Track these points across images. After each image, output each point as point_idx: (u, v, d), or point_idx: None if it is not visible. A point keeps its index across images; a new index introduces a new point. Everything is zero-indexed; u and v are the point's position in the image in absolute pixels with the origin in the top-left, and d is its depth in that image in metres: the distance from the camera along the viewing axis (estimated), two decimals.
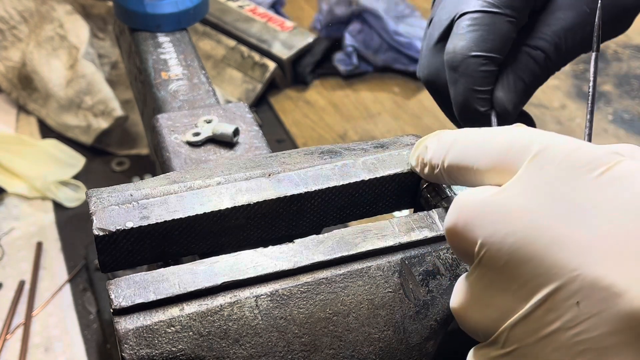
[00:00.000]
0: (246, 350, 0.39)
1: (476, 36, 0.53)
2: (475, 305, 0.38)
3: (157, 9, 0.87)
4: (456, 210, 0.38)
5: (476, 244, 0.36)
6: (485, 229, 0.36)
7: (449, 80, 0.55)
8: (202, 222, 0.46)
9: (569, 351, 0.33)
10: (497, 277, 0.36)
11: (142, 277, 0.40)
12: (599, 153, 0.35)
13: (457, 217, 0.37)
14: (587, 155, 0.35)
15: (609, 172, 0.34)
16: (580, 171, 0.34)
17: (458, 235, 0.37)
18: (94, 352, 1.07)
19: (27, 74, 1.48)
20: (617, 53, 1.74)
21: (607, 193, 0.33)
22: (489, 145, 0.39)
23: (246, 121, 0.67)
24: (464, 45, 0.53)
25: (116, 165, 1.41)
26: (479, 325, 0.38)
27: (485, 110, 0.54)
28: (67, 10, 1.48)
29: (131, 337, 0.38)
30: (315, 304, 0.41)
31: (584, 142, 0.36)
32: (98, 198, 0.45)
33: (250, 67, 1.57)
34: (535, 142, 0.36)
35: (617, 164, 0.34)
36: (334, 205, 0.49)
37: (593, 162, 0.34)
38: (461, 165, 0.41)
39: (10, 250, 1.22)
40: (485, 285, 0.37)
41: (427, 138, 0.45)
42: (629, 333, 0.31)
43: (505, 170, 0.37)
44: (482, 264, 0.36)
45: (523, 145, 0.37)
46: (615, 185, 0.33)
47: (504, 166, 0.38)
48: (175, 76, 0.79)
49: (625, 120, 1.52)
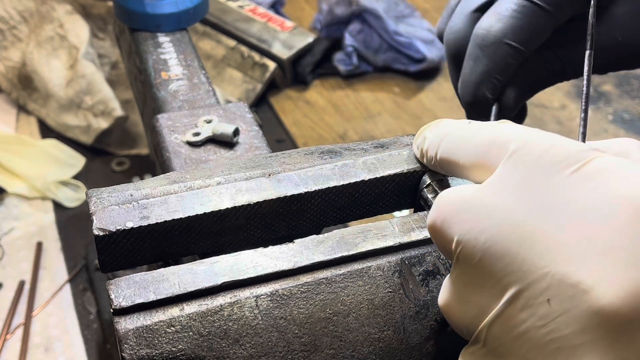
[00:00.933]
0: (246, 350, 0.39)
1: (516, 24, 0.52)
2: (457, 303, 0.38)
3: (157, 9, 0.87)
4: (436, 209, 0.38)
5: (453, 240, 0.37)
6: (461, 226, 0.36)
7: (470, 54, 0.54)
8: (202, 222, 0.46)
9: (543, 350, 0.33)
10: (474, 274, 0.36)
11: (142, 277, 0.40)
12: (574, 150, 0.35)
13: (436, 214, 0.38)
14: (562, 152, 0.35)
15: (583, 169, 0.34)
16: (554, 168, 0.34)
17: (437, 232, 0.38)
18: (94, 352, 1.07)
19: (27, 74, 1.48)
20: None
21: (578, 190, 0.33)
22: (472, 142, 0.39)
23: (246, 121, 0.67)
24: (500, 28, 0.52)
25: (116, 165, 1.41)
26: (461, 323, 0.38)
27: (491, 98, 0.54)
28: (67, 10, 1.48)
29: (131, 337, 0.38)
30: (315, 304, 0.41)
31: (561, 139, 0.36)
32: (98, 198, 0.45)
33: (250, 67, 1.57)
34: (513, 140, 0.37)
35: (591, 161, 0.34)
36: (334, 205, 0.49)
37: (568, 159, 0.34)
38: (450, 160, 0.42)
39: (10, 250, 1.22)
40: (464, 283, 0.37)
41: (427, 127, 0.46)
42: (597, 330, 0.31)
43: (486, 167, 0.38)
44: (459, 261, 0.37)
45: (502, 142, 0.37)
46: (587, 183, 0.33)
47: (484, 163, 0.38)
48: (175, 76, 0.79)
49: (626, 120, 1.52)
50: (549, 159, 0.35)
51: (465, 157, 0.40)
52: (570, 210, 0.33)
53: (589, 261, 0.32)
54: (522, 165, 0.36)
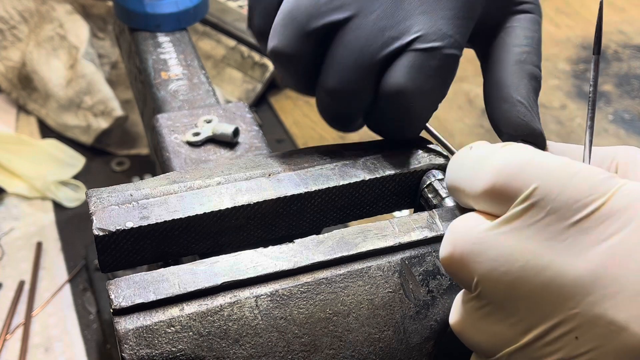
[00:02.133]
0: (246, 350, 0.39)
1: (435, 82, 0.47)
2: (474, 329, 0.38)
3: (157, 8, 0.87)
4: (451, 243, 0.38)
5: (472, 279, 0.37)
6: (482, 266, 0.36)
7: (383, 109, 0.48)
8: (202, 222, 0.46)
9: None
10: (494, 310, 0.36)
11: (142, 277, 0.40)
12: (596, 179, 0.34)
13: (452, 250, 0.37)
14: (584, 186, 0.34)
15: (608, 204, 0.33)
16: (577, 205, 0.34)
17: (454, 267, 0.38)
18: (94, 352, 1.07)
19: (27, 73, 1.48)
20: (617, 53, 1.74)
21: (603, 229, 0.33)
22: (481, 170, 0.38)
23: (246, 121, 0.67)
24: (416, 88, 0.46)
25: (116, 165, 1.41)
26: (477, 346, 0.38)
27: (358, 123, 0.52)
28: (67, 10, 1.48)
29: (131, 337, 0.38)
30: (315, 304, 0.41)
31: (580, 168, 0.35)
32: (98, 198, 0.45)
33: (250, 67, 1.56)
34: (527, 172, 0.35)
35: (615, 193, 0.33)
36: (334, 205, 0.49)
37: (591, 193, 0.34)
38: (457, 188, 0.41)
39: (10, 250, 1.22)
40: (482, 315, 0.37)
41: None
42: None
43: (499, 200, 0.37)
44: (480, 297, 0.37)
45: (515, 174, 0.36)
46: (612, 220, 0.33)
47: (496, 195, 0.37)
48: (175, 76, 0.79)
49: (626, 120, 1.52)
50: (571, 195, 0.34)
51: (471, 186, 0.39)
52: (598, 250, 0.33)
53: (620, 301, 0.32)
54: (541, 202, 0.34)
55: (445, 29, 0.46)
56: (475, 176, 0.38)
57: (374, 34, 0.45)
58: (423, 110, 0.48)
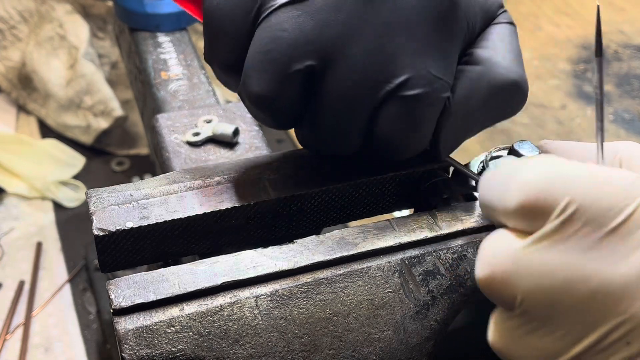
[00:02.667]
0: (246, 350, 0.39)
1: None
2: (519, 347, 0.38)
3: (156, 8, 0.87)
4: (489, 264, 0.37)
5: (515, 298, 0.37)
6: (525, 284, 0.36)
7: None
8: (202, 222, 0.46)
9: None
10: (540, 326, 0.37)
11: (142, 277, 0.40)
12: (626, 185, 0.34)
13: (492, 271, 0.37)
14: (615, 193, 0.34)
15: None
16: (612, 213, 0.34)
17: (494, 287, 0.38)
18: (94, 352, 1.07)
19: (27, 73, 1.48)
20: (617, 53, 1.74)
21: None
22: (511, 188, 0.38)
23: (246, 121, 0.67)
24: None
25: (116, 165, 1.41)
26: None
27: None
28: (67, 10, 1.48)
29: (131, 337, 0.38)
30: (315, 304, 0.41)
31: (608, 174, 0.35)
32: (98, 198, 0.45)
33: None
34: (557, 185, 0.35)
35: None
36: (334, 205, 0.49)
37: (623, 200, 0.34)
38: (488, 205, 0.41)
39: (10, 250, 1.22)
40: (526, 332, 0.37)
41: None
42: None
43: (531, 216, 0.37)
44: (522, 314, 0.37)
45: (545, 189, 0.36)
46: None
47: (528, 212, 0.37)
48: (175, 76, 0.79)
49: (626, 120, 1.52)
50: (605, 203, 0.34)
51: (502, 205, 0.38)
52: (636, 254, 0.33)
53: None
54: (577, 214, 0.35)
55: (435, 70, 0.43)
56: (505, 194, 0.38)
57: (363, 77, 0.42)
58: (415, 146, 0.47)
